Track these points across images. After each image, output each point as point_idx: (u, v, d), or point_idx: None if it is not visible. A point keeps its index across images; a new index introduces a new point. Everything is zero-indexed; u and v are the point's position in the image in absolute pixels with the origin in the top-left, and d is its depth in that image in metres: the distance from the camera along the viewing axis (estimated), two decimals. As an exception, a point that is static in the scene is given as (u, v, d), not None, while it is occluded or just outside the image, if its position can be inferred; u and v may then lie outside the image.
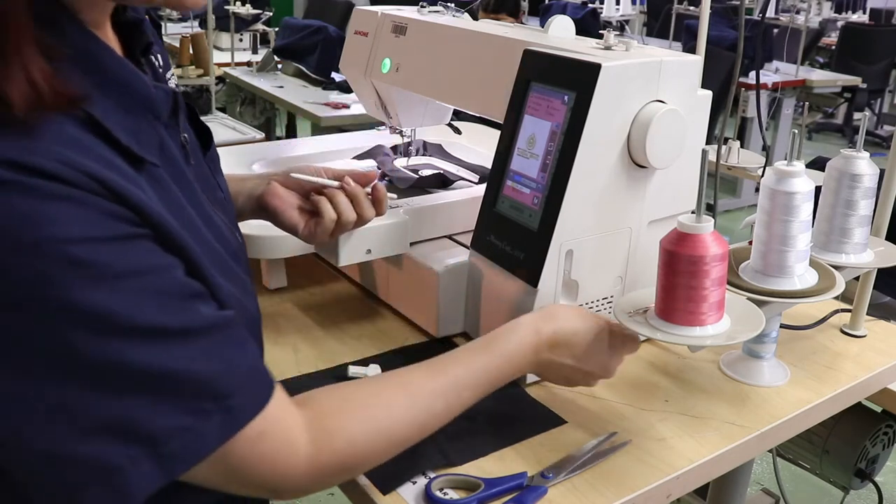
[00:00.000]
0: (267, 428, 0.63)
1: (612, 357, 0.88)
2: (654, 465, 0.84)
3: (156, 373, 0.56)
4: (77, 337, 0.53)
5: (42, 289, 0.52)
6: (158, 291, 0.57)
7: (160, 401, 0.57)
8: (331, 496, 2.27)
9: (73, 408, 0.54)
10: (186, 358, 0.58)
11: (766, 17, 5.86)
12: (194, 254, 0.61)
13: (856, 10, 7.77)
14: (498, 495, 0.79)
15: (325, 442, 0.67)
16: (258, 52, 4.44)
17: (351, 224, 0.94)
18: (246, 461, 0.62)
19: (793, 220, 0.93)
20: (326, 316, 1.15)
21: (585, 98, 0.91)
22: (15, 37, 0.53)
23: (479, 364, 0.79)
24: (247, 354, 0.64)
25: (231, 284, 0.68)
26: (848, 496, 1.34)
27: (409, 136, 1.41)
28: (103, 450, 0.55)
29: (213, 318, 0.61)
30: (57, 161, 0.53)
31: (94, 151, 0.56)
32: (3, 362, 0.53)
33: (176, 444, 0.57)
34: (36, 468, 0.55)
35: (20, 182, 0.51)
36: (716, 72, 2.66)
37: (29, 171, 0.52)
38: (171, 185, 0.64)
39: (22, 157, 0.52)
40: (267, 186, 0.95)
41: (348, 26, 1.45)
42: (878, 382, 1.08)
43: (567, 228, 0.94)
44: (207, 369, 0.59)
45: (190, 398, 0.58)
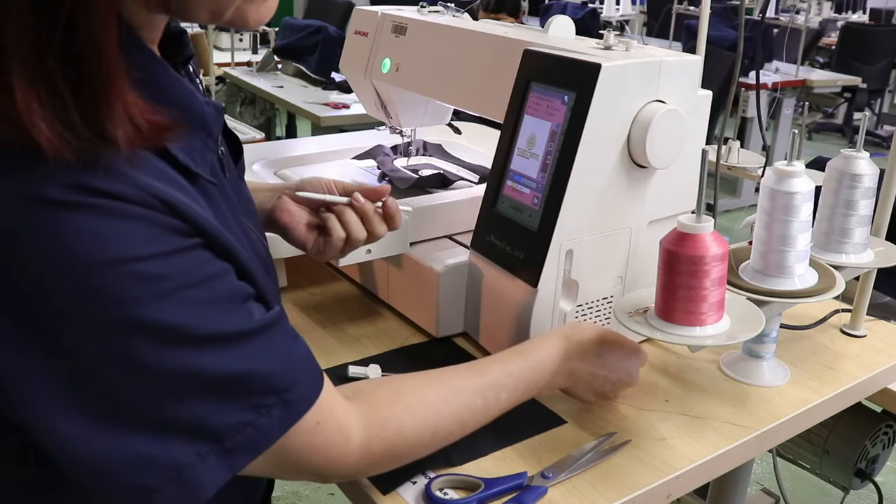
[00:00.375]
0: (322, 418, 0.66)
1: (634, 364, 0.91)
2: (654, 465, 0.84)
3: (220, 375, 0.59)
4: (146, 349, 0.55)
5: (111, 305, 0.54)
6: (217, 298, 0.59)
7: (225, 400, 0.59)
8: (331, 496, 2.27)
9: (144, 415, 0.57)
10: (247, 358, 0.60)
11: (766, 17, 5.86)
12: (243, 258, 0.63)
13: (856, 10, 7.78)
14: (498, 495, 0.79)
15: (377, 431, 0.71)
16: (258, 52, 4.44)
17: (361, 241, 0.92)
18: (303, 451, 0.65)
19: (793, 220, 0.93)
20: (326, 316, 1.15)
21: (585, 98, 0.91)
22: (115, 77, 0.53)
23: (515, 367, 0.82)
24: (299, 347, 0.66)
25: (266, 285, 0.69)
26: (848, 496, 1.34)
27: (409, 136, 1.41)
28: (174, 450, 0.58)
29: (265, 317, 0.63)
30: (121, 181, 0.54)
31: (154, 167, 0.57)
32: (76, 375, 0.55)
33: (240, 439, 0.60)
34: (106, 473, 0.57)
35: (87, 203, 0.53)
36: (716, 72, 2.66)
37: (95, 192, 0.53)
38: (220, 199, 0.66)
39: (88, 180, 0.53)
40: (277, 201, 0.94)
41: (348, 26, 1.45)
42: (878, 382, 1.08)
43: (567, 228, 0.94)
44: (267, 366, 0.62)
45: (253, 395, 0.61)
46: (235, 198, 0.73)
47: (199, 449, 0.58)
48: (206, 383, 0.58)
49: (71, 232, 0.52)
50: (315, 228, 0.94)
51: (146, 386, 0.56)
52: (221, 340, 0.59)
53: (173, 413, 0.57)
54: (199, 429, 0.58)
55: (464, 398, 0.78)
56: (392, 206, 0.94)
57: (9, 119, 0.51)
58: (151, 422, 0.57)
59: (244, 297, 0.62)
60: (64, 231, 0.52)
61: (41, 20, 0.50)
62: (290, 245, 0.96)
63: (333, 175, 1.29)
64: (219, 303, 0.59)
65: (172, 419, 0.57)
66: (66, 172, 0.52)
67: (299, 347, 0.67)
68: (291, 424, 0.63)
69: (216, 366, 0.58)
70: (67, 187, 0.52)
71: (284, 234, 0.95)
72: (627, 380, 0.91)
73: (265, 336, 0.62)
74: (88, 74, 0.52)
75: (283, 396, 0.62)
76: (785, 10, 7.11)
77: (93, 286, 0.53)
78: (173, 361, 0.56)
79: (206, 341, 0.58)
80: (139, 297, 0.55)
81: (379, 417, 0.71)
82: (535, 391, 0.84)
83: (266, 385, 0.61)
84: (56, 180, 0.52)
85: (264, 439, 0.62)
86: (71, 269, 0.53)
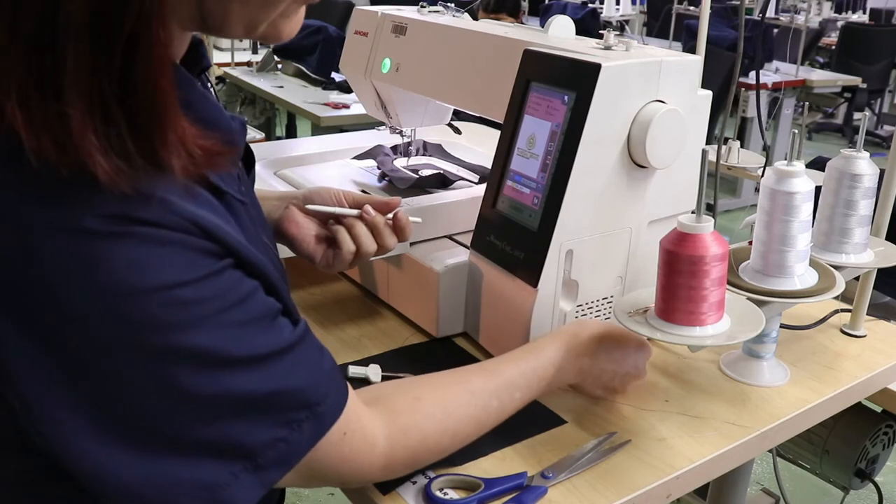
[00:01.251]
0: (349, 428, 0.66)
1: (641, 358, 0.92)
2: (654, 465, 0.84)
3: (255, 395, 0.59)
4: (183, 374, 0.55)
5: (149, 332, 0.54)
6: (251, 319, 0.59)
7: (259, 419, 0.60)
8: (331, 496, 2.27)
9: (179, 439, 0.57)
10: (280, 376, 0.61)
11: (766, 17, 5.86)
12: (270, 274, 0.63)
13: (856, 10, 7.78)
14: (498, 495, 0.79)
15: (400, 439, 0.71)
16: (258, 52, 4.43)
17: (371, 255, 0.92)
18: (330, 461, 0.66)
19: (793, 220, 0.93)
20: (326, 316, 1.15)
21: (585, 98, 0.91)
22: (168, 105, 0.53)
23: (528, 366, 0.83)
24: (325, 359, 0.67)
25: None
26: (848, 496, 1.34)
27: (409, 136, 1.41)
28: (209, 471, 0.58)
29: (295, 333, 0.64)
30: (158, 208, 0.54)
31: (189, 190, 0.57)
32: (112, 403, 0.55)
33: (272, 455, 0.60)
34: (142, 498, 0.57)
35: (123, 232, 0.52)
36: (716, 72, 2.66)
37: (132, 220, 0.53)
38: (245, 216, 0.66)
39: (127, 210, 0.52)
40: (285, 212, 0.93)
41: (348, 26, 1.45)
42: (878, 382, 1.08)
43: (567, 228, 0.94)
44: (298, 382, 0.62)
45: (285, 411, 0.61)
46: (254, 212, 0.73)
47: (233, 468, 0.59)
48: (241, 404, 0.58)
49: (108, 260, 0.52)
50: (324, 241, 0.93)
51: (182, 410, 0.56)
52: (256, 361, 0.59)
53: (208, 435, 0.57)
54: (233, 449, 0.59)
55: (481, 400, 0.78)
56: (402, 219, 0.93)
57: (63, 149, 0.50)
58: (186, 445, 0.57)
59: (274, 313, 0.62)
60: (99, 260, 0.52)
61: (100, 44, 0.49)
62: (299, 256, 0.95)
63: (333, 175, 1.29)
64: (252, 323, 0.60)
65: (207, 441, 0.58)
66: (106, 203, 0.52)
67: (326, 359, 0.67)
68: (321, 437, 0.64)
69: (250, 386, 0.59)
70: (107, 217, 0.52)
71: (292, 245, 0.93)
72: (635, 373, 0.92)
73: (296, 352, 0.63)
74: (143, 103, 0.51)
75: (314, 410, 0.63)
76: (785, 10, 7.11)
77: (130, 314, 0.53)
78: (209, 385, 0.57)
79: (241, 363, 0.58)
80: (176, 323, 0.54)
81: (401, 425, 0.72)
82: (546, 389, 0.85)
83: (298, 400, 0.62)
84: (94, 211, 0.52)
85: (296, 453, 0.62)
86: (108, 298, 0.52)
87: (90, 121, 0.50)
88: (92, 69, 0.49)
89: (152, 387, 0.55)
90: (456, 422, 0.76)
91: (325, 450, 0.64)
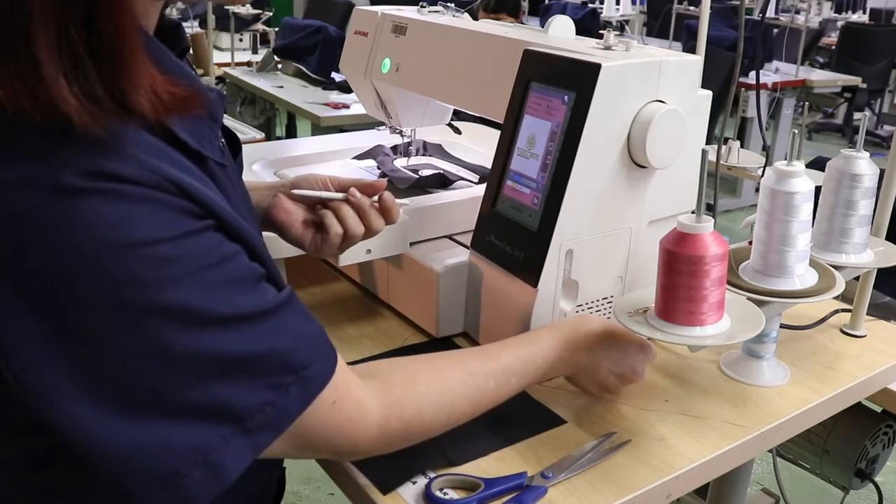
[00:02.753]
0: (338, 396, 0.66)
1: (641, 361, 0.92)
2: (654, 465, 0.84)
3: (240, 356, 0.59)
4: (167, 332, 0.56)
5: (131, 289, 0.54)
6: (233, 279, 0.60)
7: (245, 381, 0.60)
8: (331, 496, 2.27)
9: (167, 400, 0.57)
10: (264, 337, 0.61)
11: (766, 17, 5.86)
12: (253, 239, 0.63)
13: (856, 10, 7.77)
14: (498, 495, 0.79)
15: (395, 409, 0.71)
16: (258, 52, 4.44)
17: (358, 237, 0.92)
18: (321, 429, 0.65)
19: (793, 220, 0.93)
20: (326, 316, 1.15)
21: (585, 98, 0.91)
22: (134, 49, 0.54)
23: (526, 353, 0.84)
24: (312, 324, 0.67)
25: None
26: (848, 496, 1.34)
27: (409, 136, 1.41)
28: (198, 432, 0.58)
29: (279, 297, 0.63)
30: (136, 166, 0.54)
31: (166, 154, 0.57)
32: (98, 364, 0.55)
33: (261, 419, 0.60)
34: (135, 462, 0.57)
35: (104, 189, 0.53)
36: (716, 72, 2.66)
37: (111, 177, 0.53)
38: (227, 183, 0.67)
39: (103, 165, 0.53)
40: (273, 199, 0.94)
41: (348, 26, 1.45)
42: (878, 382, 1.08)
43: (567, 228, 0.94)
44: (283, 344, 0.62)
45: (271, 374, 0.61)
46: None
47: (223, 431, 0.59)
48: (226, 364, 0.59)
49: (88, 218, 0.52)
50: (312, 225, 0.94)
51: (168, 370, 0.56)
52: (239, 321, 0.59)
53: (195, 396, 0.58)
54: (221, 411, 0.59)
55: (478, 380, 0.79)
56: (388, 200, 0.93)
57: (35, 96, 0.51)
58: (174, 406, 0.57)
59: (257, 277, 0.63)
60: (81, 217, 0.52)
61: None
62: (289, 244, 0.95)
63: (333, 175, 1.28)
64: (234, 283, 0.60)
65: (195, 403, 0.58)
66: (82, 159, 0.52)
67: (313, 325, 0.67)
68: (310, 402, 0.63)
69: (235, 346, 0.59)
70: (83, 174, 0.52)
71: (281, 232, 0.95)
72: (632, 375, 0.92)
73: (280, 314, 0.63)
74: (109, 46, 0.53)
75: (301, 374, 0.63)
76: (785, 10, 7.10)
77: (111, 271, 0.53)
78: (193, 344, 0.57)
79: (225, 322, 0.58)
80: (158, 280, 0.55)
81: (396, 395, 0.72)
82: (541, 378, 0.86)
83: (283, 363, 0.62)
84: (71, 167, 0.52)
85: (285, 418, 0.62)
86: (89, 256, 0.53)
87: (59, 64, 0.51)
88: (58, 13, 0.51)
89: (137, 346, 0.55)
90: (452, 398, 0.76)
91: (315, 417, 0.64)
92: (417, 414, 0.73)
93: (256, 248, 0.64)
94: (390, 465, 0.82)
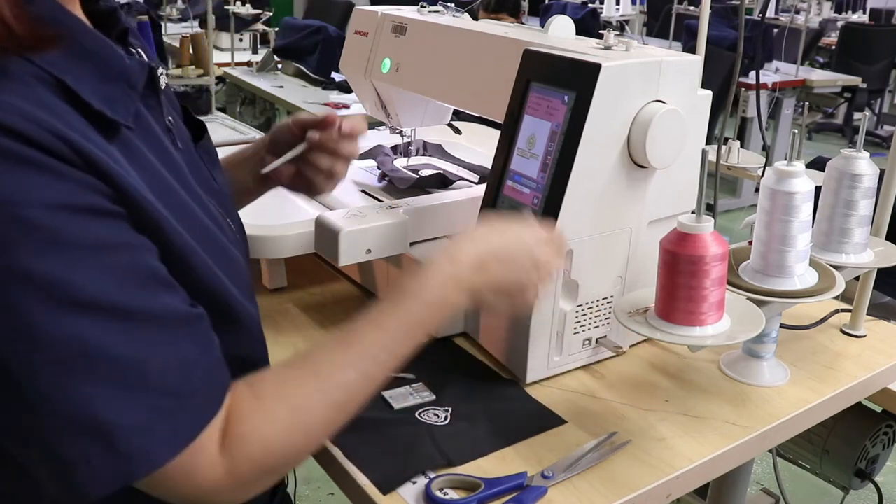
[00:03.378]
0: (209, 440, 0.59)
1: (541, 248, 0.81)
2: (654, 465, 0.84)
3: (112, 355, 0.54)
4: (28, 301, 0.51)
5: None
6: (121, 269, 0.55)
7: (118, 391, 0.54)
8: (331, 496, 2.27)
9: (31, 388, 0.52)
10: (144, 342, 0.55)
11: (766, 17, 5.86)
12: (173, 236, 0.60)
13: (856, 10, 7.77)
14: (498, 495, 0.79)
15: (240, 450, 0.61)
16: (258, 52, 4.44)
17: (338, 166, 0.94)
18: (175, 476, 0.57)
19: (793, 220, 0.93)
20: (326, 316, 1.15)
21: (585, 98, 0.91)
22: None
23: (392, 323, 0.72)
24: (210, 357, 0.61)
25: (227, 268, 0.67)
26: (848, 496, 1.34)
27: (409, 136, 1.41)
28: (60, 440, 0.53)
29: (177, 310, 0.58)
30: (25, 119, 0.52)
31: (66, 118, 0.55)
32: None
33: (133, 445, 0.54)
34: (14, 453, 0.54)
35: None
36: (716, 72, 2.66)
37: None
38: (149, 155, 0.63)
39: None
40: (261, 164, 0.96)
41: (348, 26, 1.45)
42: (878, 382, 1.08)
43: (567, 228, 0.94)
44: (168, 363, 0.56)
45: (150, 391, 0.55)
46: (192, 174, 0.71)
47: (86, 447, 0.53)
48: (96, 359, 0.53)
49: None
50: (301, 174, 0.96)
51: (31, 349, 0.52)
52: (117, 313, 0.54)
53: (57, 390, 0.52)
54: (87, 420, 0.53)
55: (334, 380, 0.67)
56: (346, 127, 0.94)
57: None
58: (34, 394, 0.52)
59: (156, 279, 0.58)
60: None
61: None
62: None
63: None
64: (124, 275, 0.55)
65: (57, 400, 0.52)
66: None
67: (210, 357, 0.61)
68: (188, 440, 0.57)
69: (108, 340, 0.53)
70: None
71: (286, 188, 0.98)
72: (544, 266, 0.80)
73: (171, 328, 0.57)
74: None
75: (183, 403, 0.57)
76: (785, 10, 7.11)
77: None
78: (59, 323, 0.52)
79: (99, 309, 0.53)
80: (24, 242, 0.51)
81: (238, 434, 0.61)
82: (429, 331, 0.74)
83: (164, 385, 0.56)
84: None
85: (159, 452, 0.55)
86: None
87: None
88: None
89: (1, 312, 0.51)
90: (307, 415, 0.65)
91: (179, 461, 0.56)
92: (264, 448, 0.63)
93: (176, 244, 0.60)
94: (390, 465, 0.82)
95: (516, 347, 0.98)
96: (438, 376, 0.99)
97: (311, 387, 0.66)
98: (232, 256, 0.71)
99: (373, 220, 1.01)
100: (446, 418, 0.91)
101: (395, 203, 1.07)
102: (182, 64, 3.60)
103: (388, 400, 0.93)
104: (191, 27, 4.81)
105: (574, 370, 1.02)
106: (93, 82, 0.59)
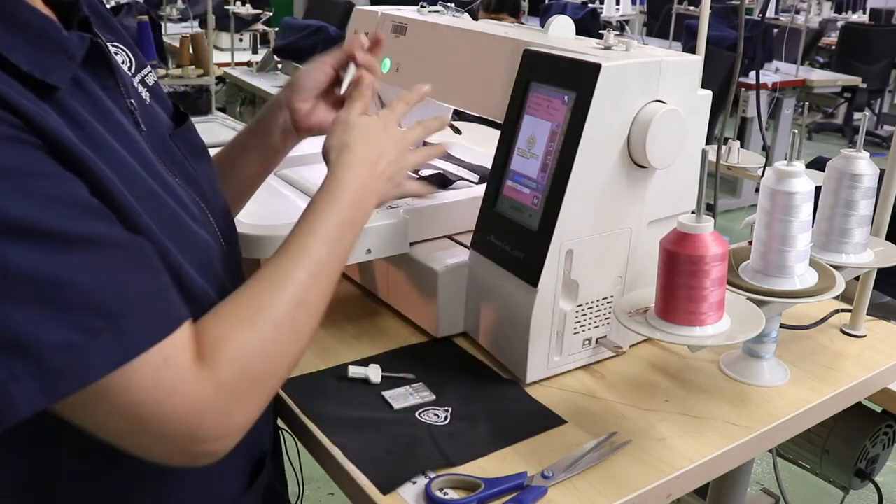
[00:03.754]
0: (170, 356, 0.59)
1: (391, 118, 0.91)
2: (654, 465, 0.84)
3: (36, 276, 0.54)
4: None
5: None
6: (45, 195, 0.55)
7: (43, 311, 0.54)
8: (331, 496, 2.27)
9: None
10: (70, 265, 0.55)
11: (766, 17, 5.86)
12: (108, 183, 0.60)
13: (856, 10, 7.78)
14: (498, 495, 0.79)
15: (217, 353, 0.63)
16: (258, 52, 4.45)
17: None
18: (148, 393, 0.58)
19: (793, 220, 0.93)
20: (326, 316, 1.14)
21: (585, 98, 0.91)
22: None
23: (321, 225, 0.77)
24: (151, 281, 0.61)
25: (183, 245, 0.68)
26: (848, 496, 1.34)
27: (409, 136, 1.41)
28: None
29: (111, 235, 0.58)
30: None
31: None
32: None
33: (62, 362, 0.54)
34: None
35: None
36: (716, 72, 2.66)
37: None
38: (90, 119, 0.64)
39: None
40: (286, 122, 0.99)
41: (348, 26, 1.44)
42: (878, 382, 1.08)
43: (567, 228, 0.94)
44: (96, 283, 0.56)
45: (76, 312, 0.55)
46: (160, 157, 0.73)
47: (13, 367, 0.53)
48: (22, 283, 0.53)
49: None
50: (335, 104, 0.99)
51: None
52: (39, 236, 0.54)
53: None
54: (13, 341, 0.53)
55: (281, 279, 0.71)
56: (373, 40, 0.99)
57: None
58: None
59: (86, 207, 0.57)
60: None
61: None
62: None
63: None
64: (48, 200, 0.55)
65: None
66: None
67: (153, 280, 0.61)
68: (127, 358, 0.57)
69: (32, 263, 0.53)
70: None
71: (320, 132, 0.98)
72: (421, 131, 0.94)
73: (104, 252, 0.57)
74: None
75: (117, 322, 0.56)
76: (785, 10, 7.11)
77: None
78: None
79: (20, 233, 0.53)
80: None
81: (212, 340, 0.63)
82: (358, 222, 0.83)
83: (93, 303, 0.56)
84: None
85: (91, 367, 0.55)
86: None
87: None
88: None
89: None
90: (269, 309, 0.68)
91: (140, 377, 0.57)
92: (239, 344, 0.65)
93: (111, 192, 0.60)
94: (390, 465, 0.82)
95: (516, 347, 0.98)
96: (438, 376, 0.99)
97: (263, 288, 0.70)
98: (193, 236, 0.71)
99: (372, 220, 1.01)
100: (446, 418, 0.91)
101: (395, 203, 1.07)
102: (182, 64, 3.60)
103: (388, 400, 0.93)
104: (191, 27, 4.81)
105: (574, 370, 1.02)
106: (28, 50, 0.60)
